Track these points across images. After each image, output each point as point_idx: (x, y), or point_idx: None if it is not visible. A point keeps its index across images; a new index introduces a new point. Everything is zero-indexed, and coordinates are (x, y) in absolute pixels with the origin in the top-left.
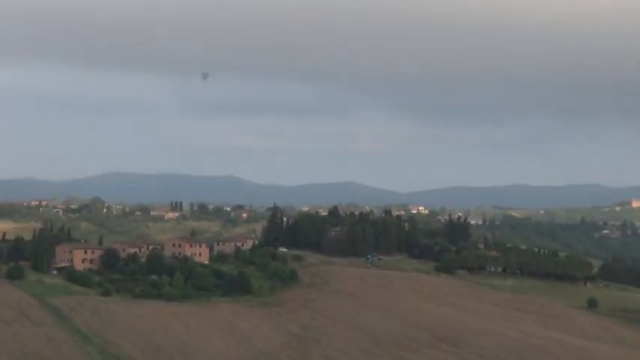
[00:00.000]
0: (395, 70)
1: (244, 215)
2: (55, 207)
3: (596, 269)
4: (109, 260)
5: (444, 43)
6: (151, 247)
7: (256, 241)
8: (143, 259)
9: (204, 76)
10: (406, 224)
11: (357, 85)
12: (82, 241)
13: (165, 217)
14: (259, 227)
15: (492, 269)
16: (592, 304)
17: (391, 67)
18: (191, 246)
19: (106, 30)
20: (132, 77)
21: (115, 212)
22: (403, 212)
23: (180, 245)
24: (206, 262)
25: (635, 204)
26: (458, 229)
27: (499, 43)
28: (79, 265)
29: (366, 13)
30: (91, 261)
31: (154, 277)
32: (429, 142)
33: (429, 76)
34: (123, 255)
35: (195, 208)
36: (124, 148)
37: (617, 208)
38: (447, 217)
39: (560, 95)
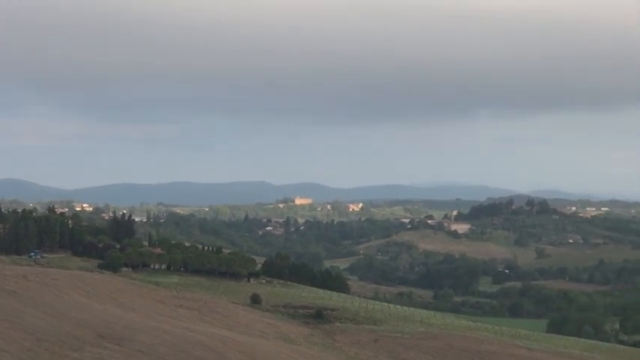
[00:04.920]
0: (58, 65)
1: None
2: None
3: (259, 265)
4: None
5: (108, 40)
6: None
7: None
8: None
9: None
10: (70, 221)
11: (21, 80)
12: None
13: None
14: None
15: (157, 266)
16: (255, 300)
17: (56, 62)
18: None
19: None
20: None
21: None
22: (67, 209)
23: None
24: None
25: (298, 201)
26: (122, 227)
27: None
28: None
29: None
30: None
31: None
32: (95, 139)
33: (95, 71)
34: None
35: None
36: None
37: (281, 205)
38: (111, 215)
39: (228, 93)
